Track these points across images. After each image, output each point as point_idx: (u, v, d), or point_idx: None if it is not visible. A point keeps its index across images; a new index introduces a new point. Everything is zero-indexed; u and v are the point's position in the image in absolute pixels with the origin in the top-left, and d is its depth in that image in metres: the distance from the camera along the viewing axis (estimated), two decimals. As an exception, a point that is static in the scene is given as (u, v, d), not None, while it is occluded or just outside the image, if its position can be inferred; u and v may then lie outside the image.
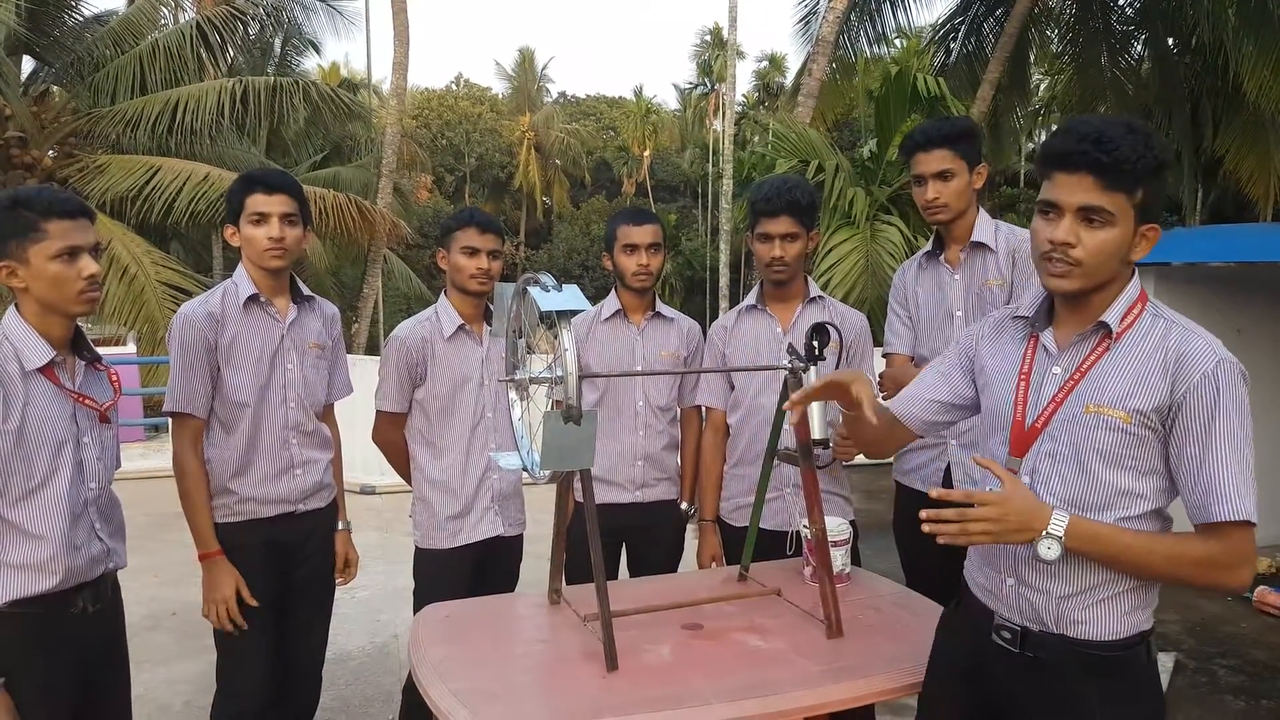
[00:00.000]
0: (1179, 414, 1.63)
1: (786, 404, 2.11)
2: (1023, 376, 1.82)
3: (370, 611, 5.25)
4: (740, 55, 43.79)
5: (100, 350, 2.42)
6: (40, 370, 2.18)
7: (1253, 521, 1.59)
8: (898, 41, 17.95)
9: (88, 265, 2.20)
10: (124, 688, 2.47)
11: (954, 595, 2.06)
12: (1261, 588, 5.45)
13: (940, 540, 1.69)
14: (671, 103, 52.36)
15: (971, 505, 1.66)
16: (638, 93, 49.17)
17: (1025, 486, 1.71)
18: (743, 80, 44.87)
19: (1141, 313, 1.72)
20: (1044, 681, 1.77)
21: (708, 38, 45.62)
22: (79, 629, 2.25)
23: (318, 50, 20.16)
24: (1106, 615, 1.72)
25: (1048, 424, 1.76)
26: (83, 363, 2.33)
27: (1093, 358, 1.73)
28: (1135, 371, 1.68)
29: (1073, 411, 1.72)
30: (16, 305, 2.21)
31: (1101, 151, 1.61)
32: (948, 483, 2.82)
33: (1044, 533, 1.64)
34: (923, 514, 1.68)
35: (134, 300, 10.99)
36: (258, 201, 2.73)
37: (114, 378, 2.42)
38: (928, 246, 3.08)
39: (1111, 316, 1.71)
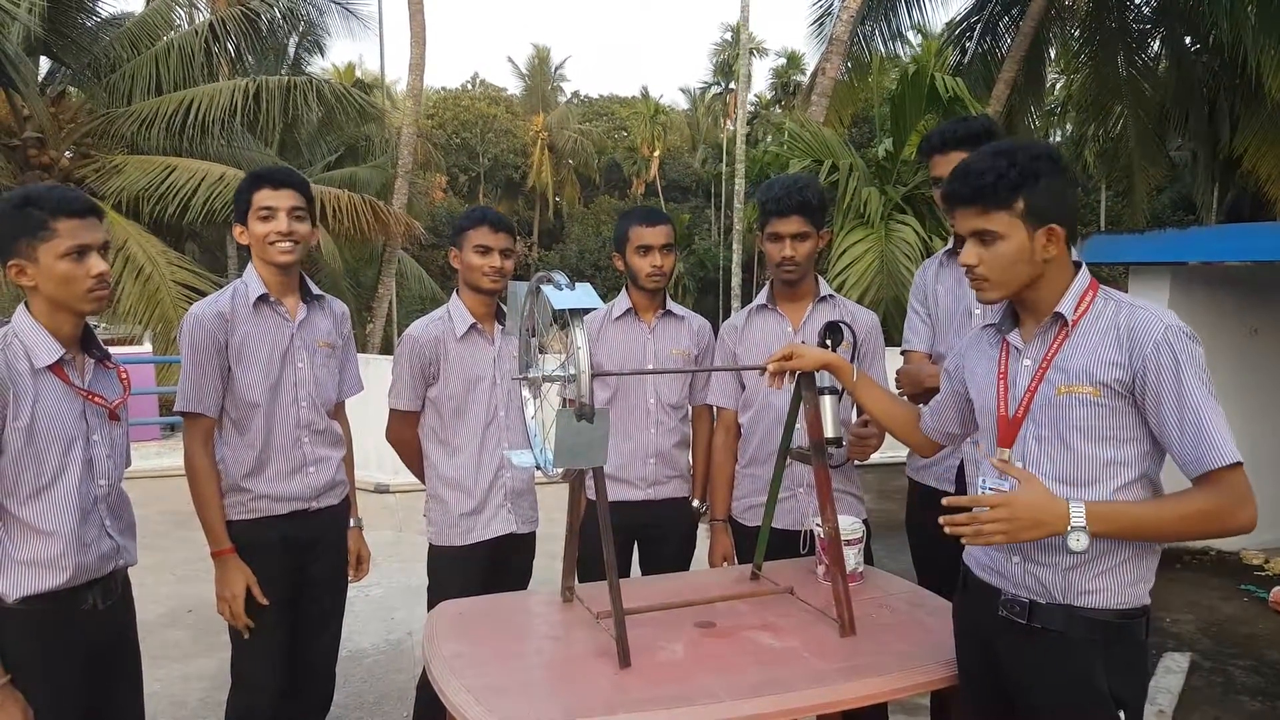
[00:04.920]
0: (1145, 381, 1.77)
1: (770, 366, 2.32)
2: (1001, 375, 1.99)
3: (384, 609, 5.28)
4: (761, 53, 43.66)
5: (116, 349, 2.42)
6: (50, 368, 2.19)
7: (1241, 462, 1.71)
8: (913, 38, 17.86)
9: (97, 264, 2.20)
10: (135, 684, 2.48)
11: None
12: (1278, 589, 5.42)
13: (964, 541, 1.84)
14: (682, 102, 52.35)
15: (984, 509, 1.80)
16: (645, 93, 49.14)
17: (1040, 484, 1.81)
18: (761, 79, 44.75)
19: (1094, 299, 1.89)
20: (1051, 652, 1.87)
21: (728, 35, 45.24)
22: (89, 625, 2.26)
23: (323, 52, 20.23)
24: (1112, 584, 1.84)
25: (1028, 411, 1.91)
26: (92, 360, 2.33)
27: (1055, 345, 1.89)
28: (1094, 349, 1.83)
29: (1047, 395, 1.88)
30: (26, 303, 2.22)
31: (965, 185, 1.86)
32: (960, 479, 2.82)
33: (1069, 528, 1.74)
34: (942, 520, 1.82)
35: (149, 300, 11.07)
36: (265, 197, 2.74)
37: (123, 375, 2.42)
38: (949, 245, 3.09)
39: (1065, 307, 1.88)
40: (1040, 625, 1.88)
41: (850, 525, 2.66)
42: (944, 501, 1.86)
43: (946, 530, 1.81)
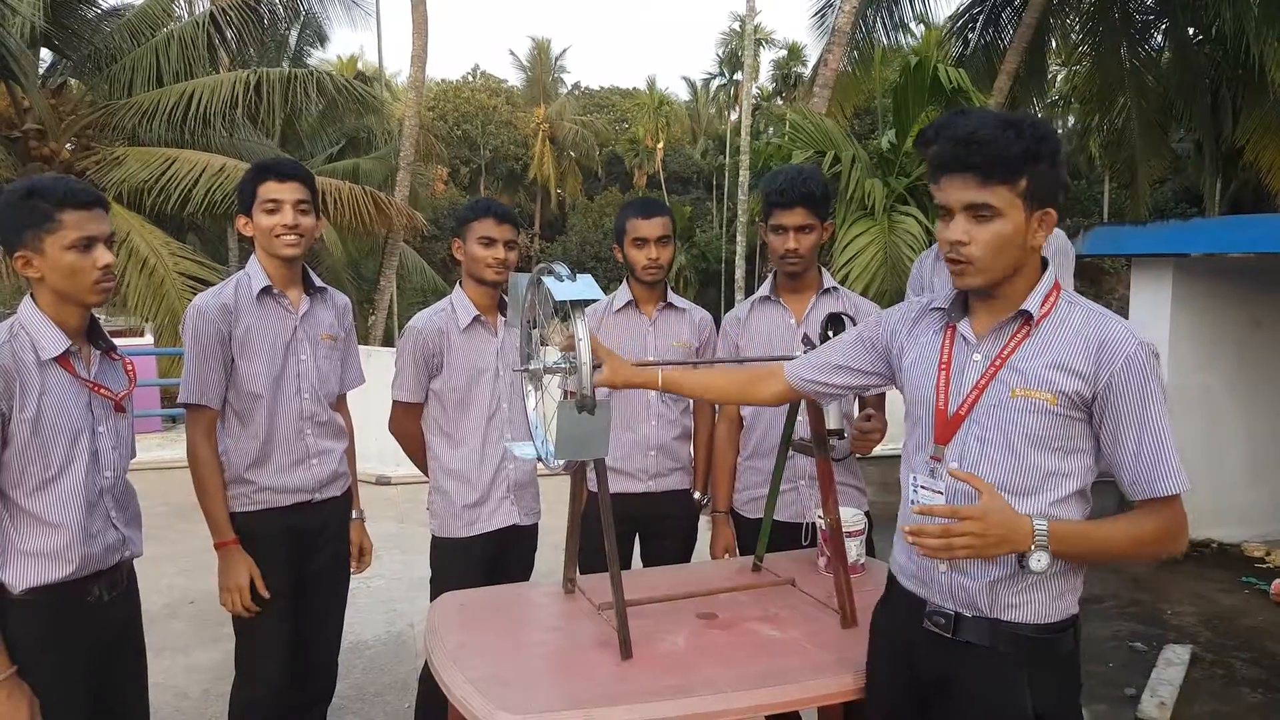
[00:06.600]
0: (1109, 397, 1.68)
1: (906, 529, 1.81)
2: (943, 366, 1.85)
3: (386, 601, 5.28)
4: (768, 43, 43.40)
5: (119, 341, 2.41)
6: (56, 360, 2.19)
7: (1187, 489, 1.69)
8: (915, 29, 17.83)
9: (103, 255, 2.20)
10: (141, 676, 2.48)
11: None
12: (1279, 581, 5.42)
13: (921, 554, 1.75)
14: (683, 94, 52.18)
15: (953, 520, 1.68)
16: (650, 84, 48.94)
17: (1002, 499, 1.69)
18: (764, 71, 44.48)
19: (1057, 301, 1.77)
20: (974, 666, 1.79)
21: (737, 26, 44.80)
22: (95, 617, 2.26)
23: (322, 43, 20.19)
24: (1037, 598, 1.76)
25: (971, 410, 1.79)
26: (98, 352, 2.33)
27: (1013, 344, 1.77)
28: (1058, 355, 1.72)
29: (998, 397, 1.76)
30: (32, 295, 2.22)
31: (973, 151, 1.66)
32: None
33: (1031, 546, 1.65)
34: (905, 529, 1.74)
35: (154, 292, 11.06)
36: (271, 189, 2.74)
37: (129, 367, 2.42)
38: None
39: (1031, 304, 1.75)
40: (965, 640, 1.79)
41: (852, 517, 2.66)
42: (914, 509, 1.78)
43: (908, 540, 1.71)
